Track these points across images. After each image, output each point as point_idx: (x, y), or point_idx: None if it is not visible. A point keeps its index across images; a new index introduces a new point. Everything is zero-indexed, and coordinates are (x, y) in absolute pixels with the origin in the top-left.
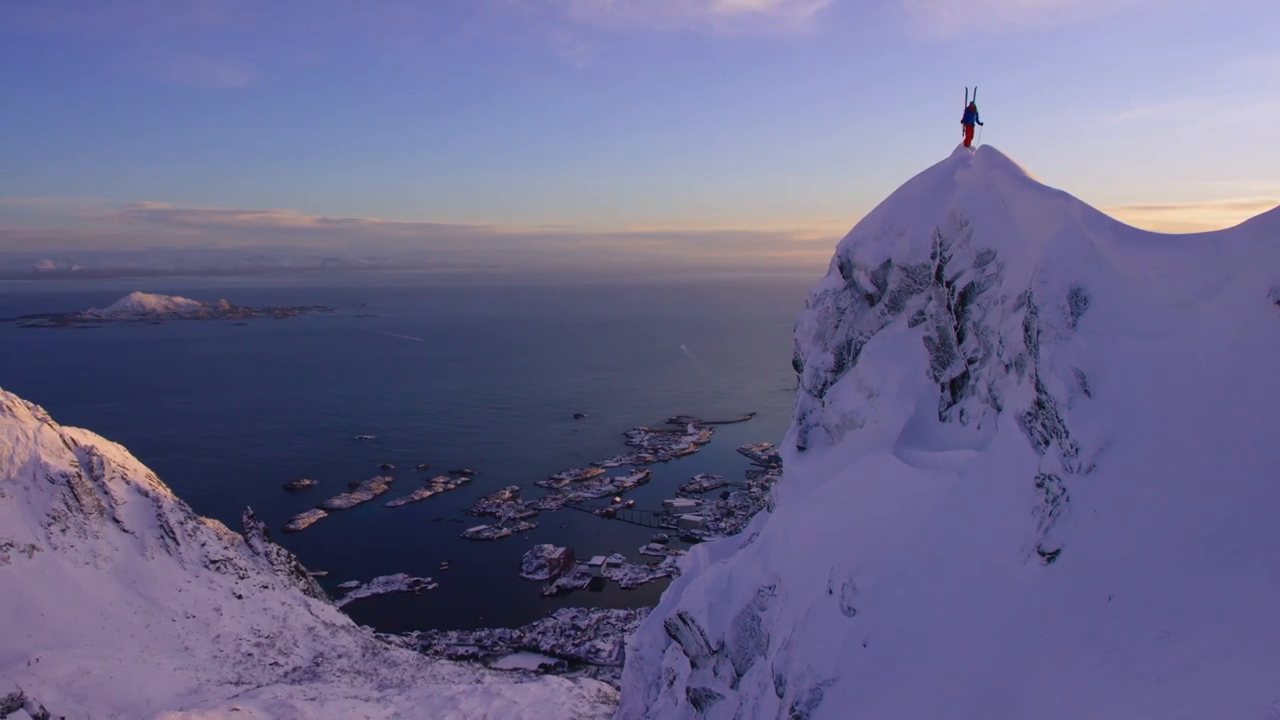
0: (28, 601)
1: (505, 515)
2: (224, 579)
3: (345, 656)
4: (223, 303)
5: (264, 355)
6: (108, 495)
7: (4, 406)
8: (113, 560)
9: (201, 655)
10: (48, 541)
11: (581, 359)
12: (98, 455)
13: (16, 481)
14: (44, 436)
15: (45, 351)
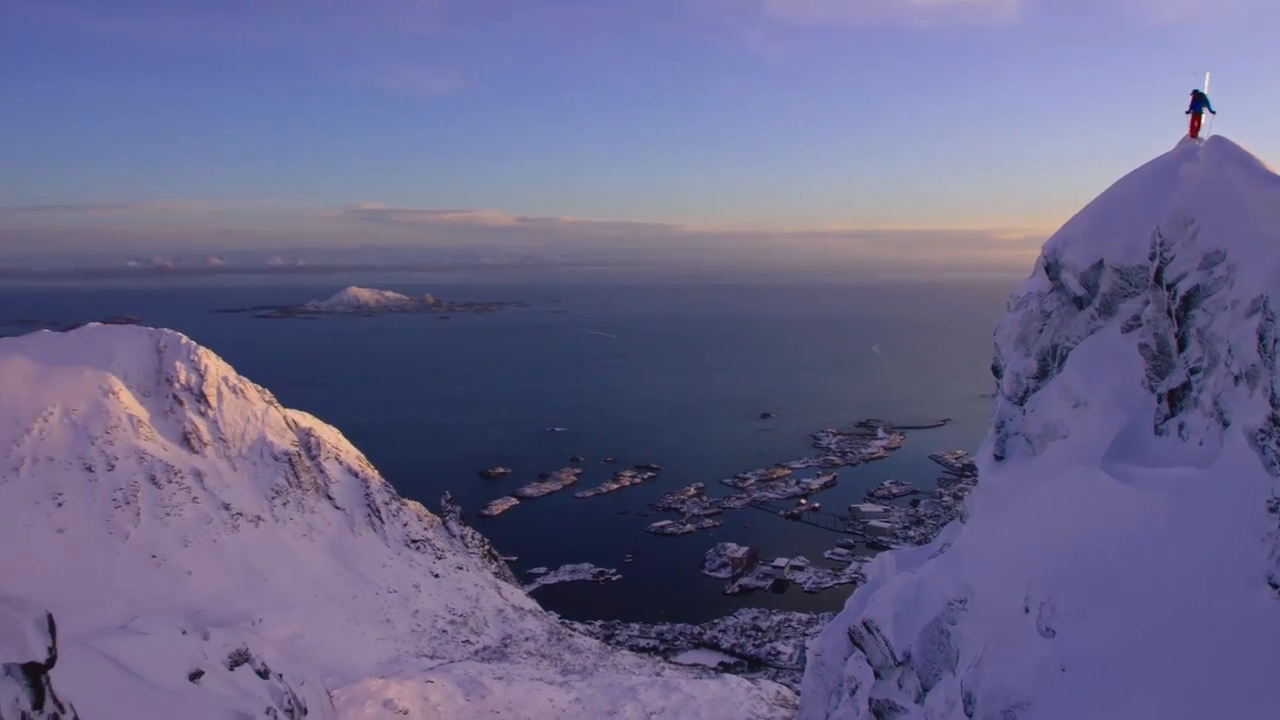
0: (253, 567)
1: (689, 512)
2: (423, 558)
3: (532, 640)
4: (428, 297)
5: (465, 348)
6: (323, 474)
7: (238, 389)
8: (326, 534)
9: (401, 628)
10: (271, 514)
11: (770, 359)
12: (315, 437)
13: (246, 457)
14: (270, 418)
15: (272, 339)
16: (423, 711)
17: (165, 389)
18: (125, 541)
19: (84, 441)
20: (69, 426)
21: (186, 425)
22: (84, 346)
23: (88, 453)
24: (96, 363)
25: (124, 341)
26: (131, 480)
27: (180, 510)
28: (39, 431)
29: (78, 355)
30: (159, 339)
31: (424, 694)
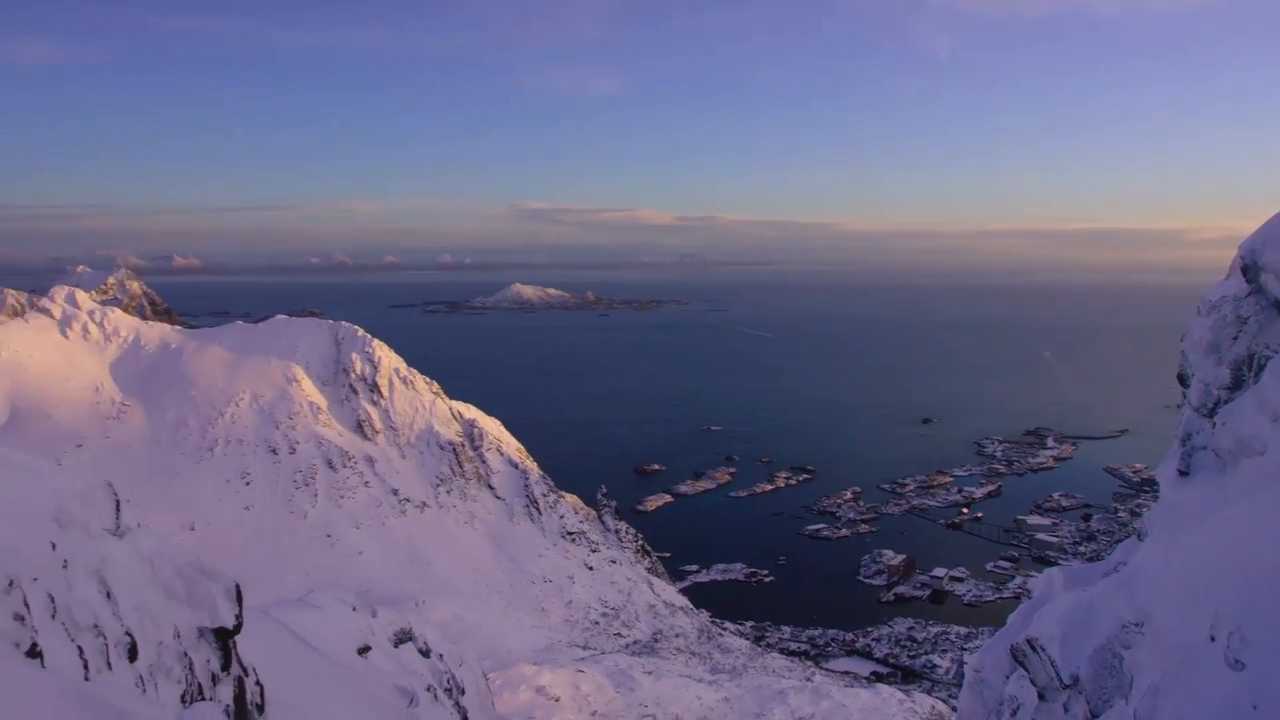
0: (418, 550)
1: (845, 516)
2: (578, 550)
3: (682, 636)
4: (589, 294)
5: (623, 345)
6: (485, 464)
7: (408, 380)
8: (486, 522)
9: (555, 617)
10: (436, 500)
11: (933, 361)
12: (479, 428)
13: (414, 446)
14: (437, 409)
15: (440, 333)
16: (573, 700)
17: (342, 378)
18: (304, 520)
19: (269, 426)
20: (257, 412)
21: (360, 413)
22: (271, 337)
23: (272, 436)
24: (282, 353)
25: (306, 333)
26: (310, 463)
27: (353, 493)
28: (231, 415)
29: (266, 345)
30: (337, 331)
31: (575, 683)
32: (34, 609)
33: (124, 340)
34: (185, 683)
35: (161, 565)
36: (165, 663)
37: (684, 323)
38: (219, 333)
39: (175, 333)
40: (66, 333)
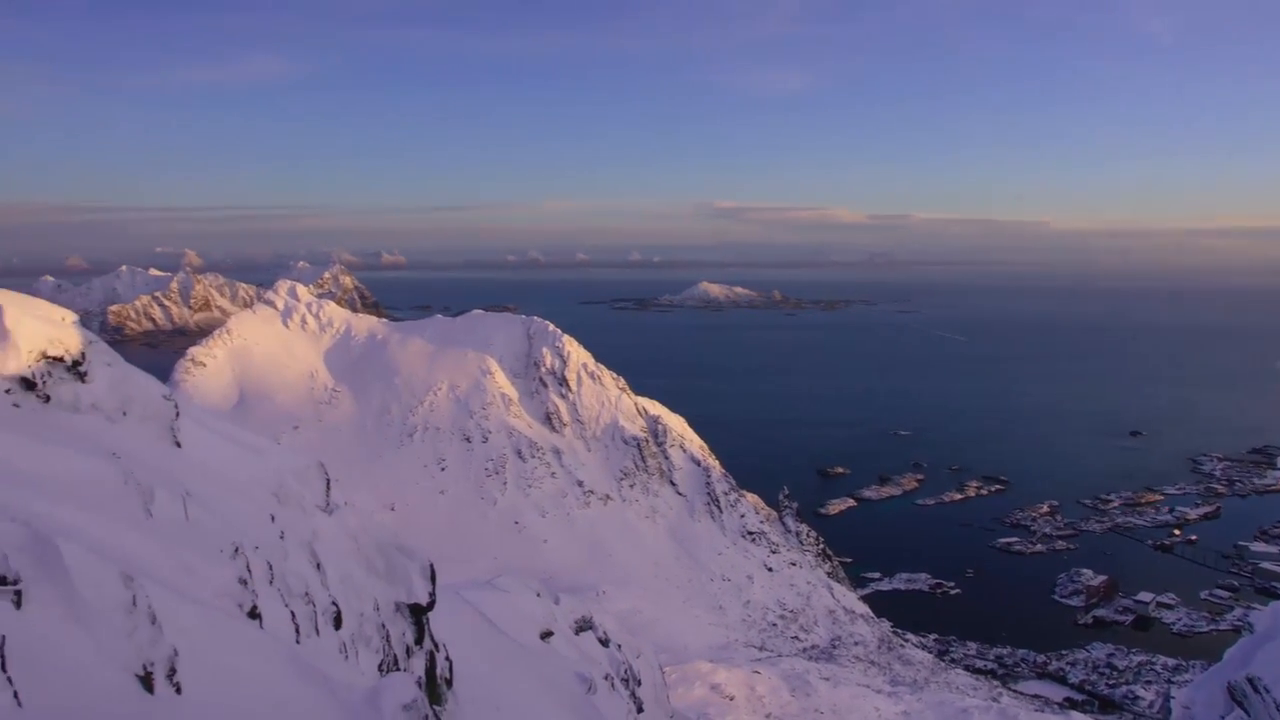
0: (600, 542)
1: (1040, 530)
2: (758, 550)
3: (861, 644)
4: (776, 293)
5: (809, 345)
6: (668, 460)
7: (595, 375)
8: (667, 518)
9: (732, 616)
10: (619, 494)
11: (1144, 370)
12: (662, 424)
13: (600, 439)
14: (623, 404)
15: (628, 330)
16: (748, 700)
17: (533, 372)
18: (493, 507)
19: (464, 415)
20: (453, 401)
21: (549, 406)
22: (468, 331)
23: (467, 425)
24: (478, 346)
25: (501, 328)
26: (501, 453)
27: (540, 483)
28: (429, 404)
29: (463, 338)
30: (530, 326)
31: (750, 683)
32: (255, 574)
33: (337, 331)
34: (383, 653)
35: (365, 542)
36: (365, 632)
37: (872, 323)
38: (421, 325)
39: (381, 325)
40: (287, 323)
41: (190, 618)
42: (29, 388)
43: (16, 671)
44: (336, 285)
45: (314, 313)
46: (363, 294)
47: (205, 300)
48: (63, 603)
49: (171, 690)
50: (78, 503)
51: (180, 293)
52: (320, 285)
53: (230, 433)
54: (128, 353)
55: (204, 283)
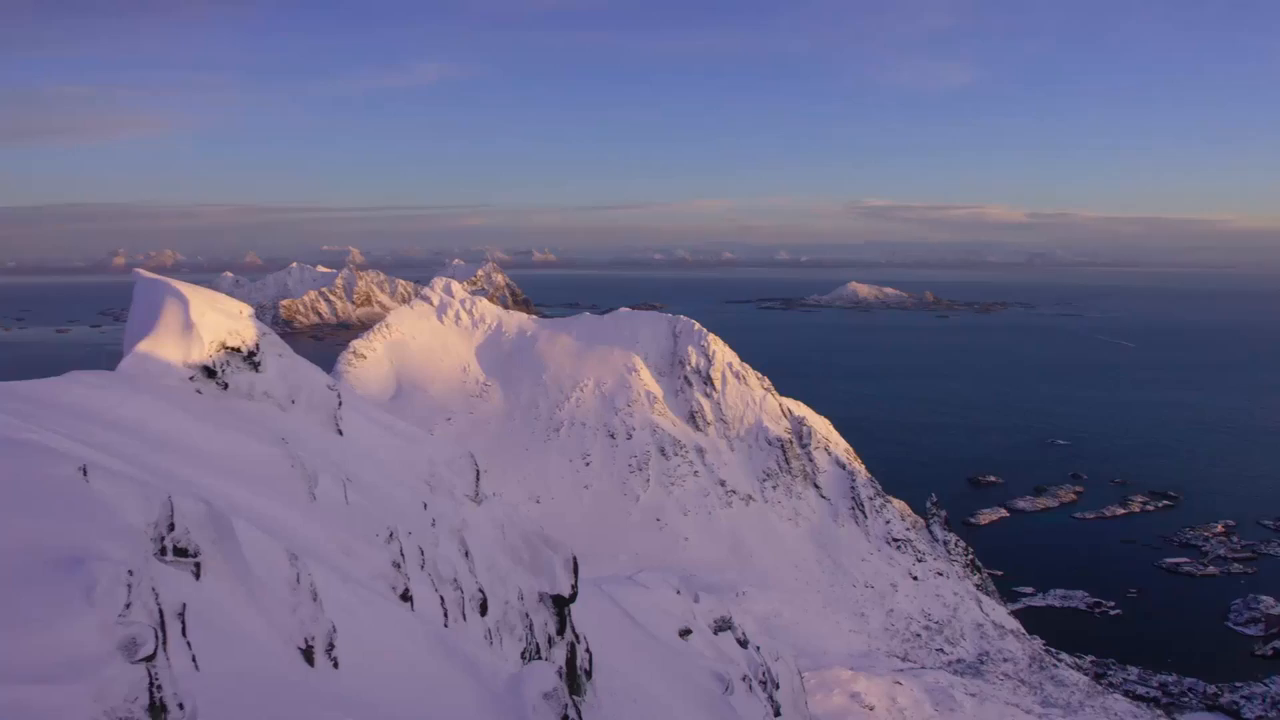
0: (741, 542)
1: (1214, 552)
2: (903, 558)
3: (1010, 661)
4: (927, 294)
5: (961, 348)
6: (812, 462)
7: (740, 375)
8: (810, 521)
9: (874, 624)
10: (761, 495)
11: None
12: (807, 426)
13: (743, 439)
14: (767, 404)
15: (773, 330)
16: (888, 712)
17: (678, 370)
18: (635, 503)
19: (609, 411)
20: (599, 398)
21: (693, 405)
22: (615, 328)
23: (612, 422)
24: (624, 343)
25: (647, 326)
26: (645, 450)
27: (683, 481)
28: (575, 400)
29: (609, 336)
30: (675, 325)
31: (891, 694)
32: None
33: (489, 327)
34: (525, 641)
35: (511, 532)
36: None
37: (1031, 327)
38: (569, 323)
39: (531, 321)
40: (442, 318)
41: (348, 597)
42: (209, 375)
43: (195, 637)
44: (489, 282)
45: (467, 309)
46: (514, 291)
47: (367, 295)
48: (236, 576)
49: (329, 664)
50: (250, 483)
51: (344, 288)
52: (474, 282)
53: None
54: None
55: (366, 279)
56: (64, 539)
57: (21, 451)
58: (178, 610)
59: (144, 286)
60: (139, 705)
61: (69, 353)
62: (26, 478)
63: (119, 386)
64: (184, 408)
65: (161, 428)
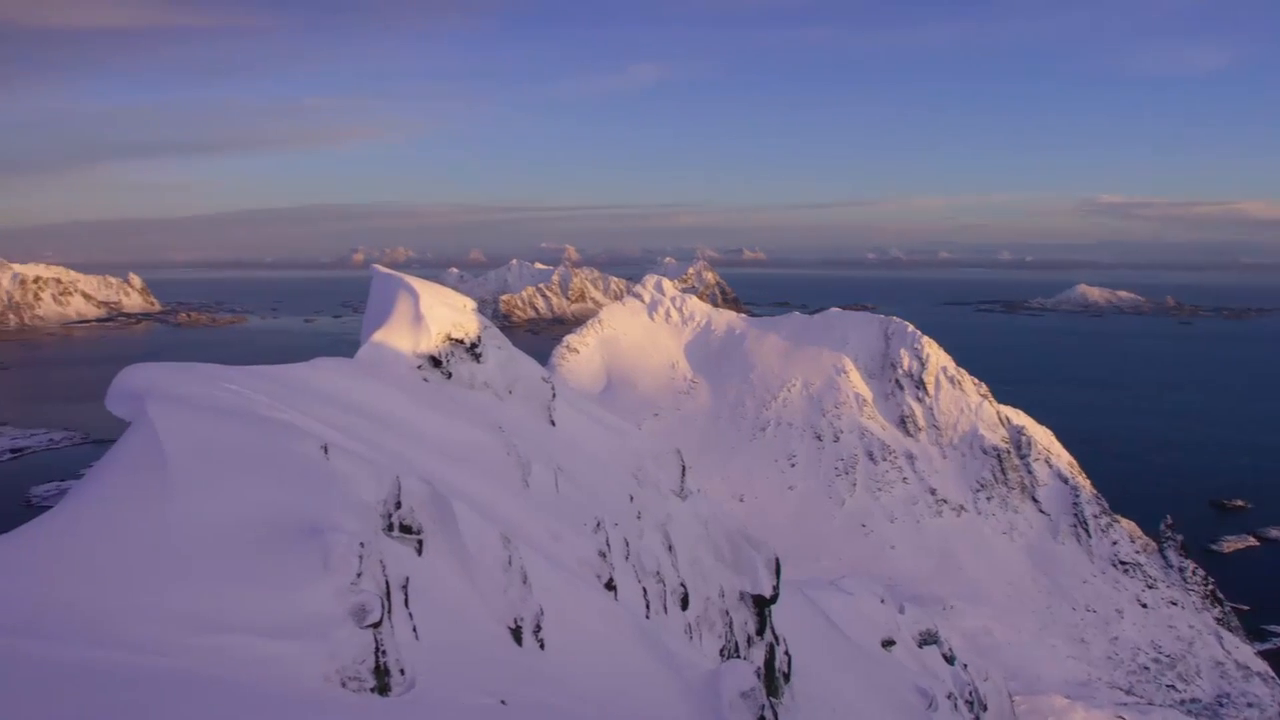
0: (950, 554)
1: None
2: (1131, 583)
3: (1256, 707)
4: (1168, 299)
5: (1207, 358)
6: (1031, 475)
7: (955, 380)
8: (1026, 537)
9: (1096, 652)
10: (974, 506)
11: None
12: (1027, 435)
13: (956, 447)
14: (983, 411)
15: (993, 334)
16: None
17: (889, 373)
18: (841, 507)
19: (816, 413)
20: (806, 399)
21: (904, 409)
22: (825, 329)
23: (819, 423)
24: (833, 344)
25: (857, 327)
26: (852, 453)
27: (891, 488)
28: (782, 400)
29: (819, 336)
30: (887, 326)
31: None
32: (613, 549)
33: (697, 325)
34: (725, 639)
35: (714, 529)
36: (709, 617)
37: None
38: (778, 322)
39: (740, 320)
40: (653, 315)
41: (555, 581)
42: (435, 365)
43: (415, 609)
44: (699, 280)
45: (677, 306)
46: (724, 289)
47: (581, 292)
48: (453, 554)
49: (536, 644)
50: (469, 468)
51: (560, 285)
52: (684, 280)
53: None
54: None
55: (580, 276)
56: (305, 510)
57: (273, 429)
58: (401, 583)
59: (380, 281)
60: (365, 667)
61: (314, 340)
62: (276, 452)
63: (356, 373)
64: (412, 394)
65: (392, 412)
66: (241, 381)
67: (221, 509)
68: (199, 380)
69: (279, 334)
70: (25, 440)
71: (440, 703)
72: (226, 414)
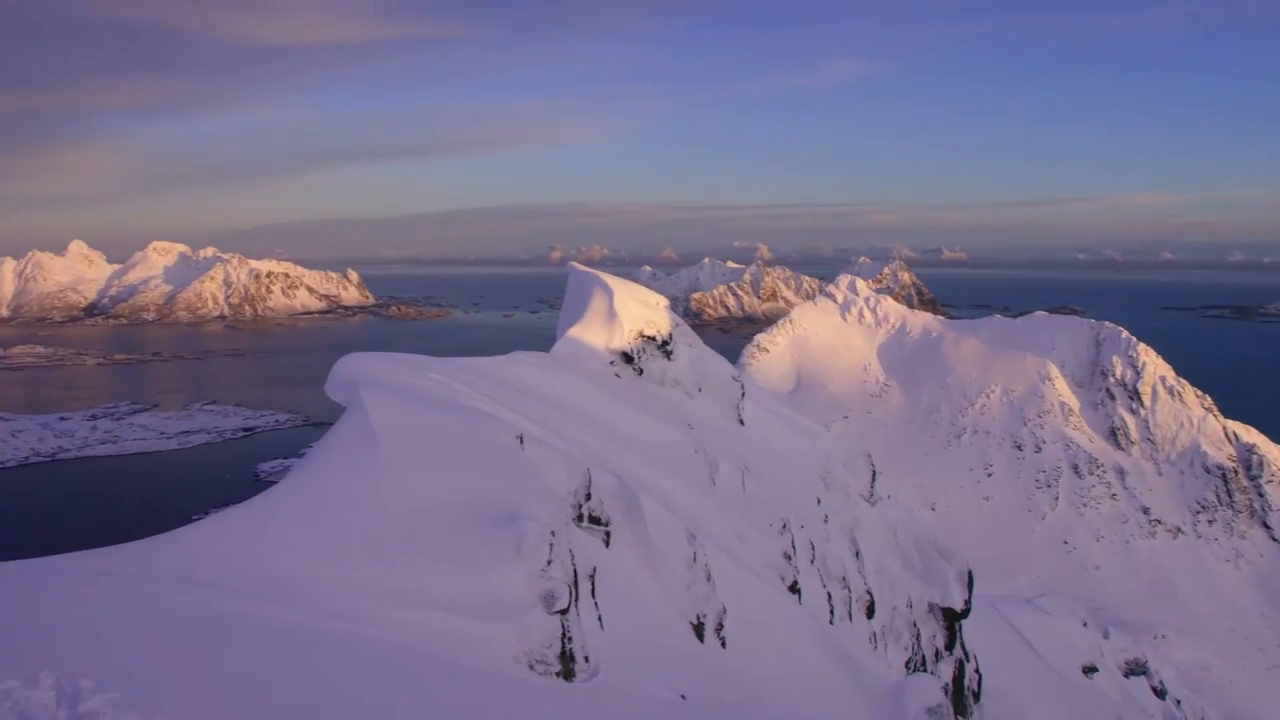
0: (1164, 579)
1: None
2: None
3: None
4: None
5: None
6: (1262, 498)
7: (1175, 391)
8: (1255, 566)
9: None
10: (1193, 528)
11: None
12: (1258, 455)
13: (1174, 464)
14: (1207, 426)
15: (1221, 342)
16: None
17: (1099, 382)
18: (1041, 522)
19: (1017, 421)
20: (1006, 406)
21: (1115, 421)
22: (1028, 333)
23: (1019, 432)
24: (1038, 350)
25: (1065, 332)
26: (1055, 465)
27: (1097, 504)
28: (980, 406)
29: (1022, 341)
30: (1099, 332)
31: None
32: (798, 552)
33: (892, 326)
34: (911, 651)
35: (903, 537)
36: (896, 627)
37: None
38: (977, 325)
39: (937, 322)
40: (845, 316)
41: (739, 581)
42: (627, 361)
43: (601, 599)
44: (895, 281)
45: (871, 307)
46: (920, 290)
47: (772, 291)
48: (640, 548)
49: (718, 642)
50: (657, 464)
51: (751, 284)
52: (879, 280)
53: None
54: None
55: (772, 275)
56: (501, 497)
57: (473, 418)
58: (589, 572)
59: (577, 278)
60: (552, 652)
61: (512, 335)
62: (475, 440)
63: (552, 367)
64: (604, 389)
65: (584, 405)
66: (445, 372)
67: (424, 492)
68: (407, 370)
69: (479, 328)
70: (255, 420)
71: (622, 692)
72: (431, 402)
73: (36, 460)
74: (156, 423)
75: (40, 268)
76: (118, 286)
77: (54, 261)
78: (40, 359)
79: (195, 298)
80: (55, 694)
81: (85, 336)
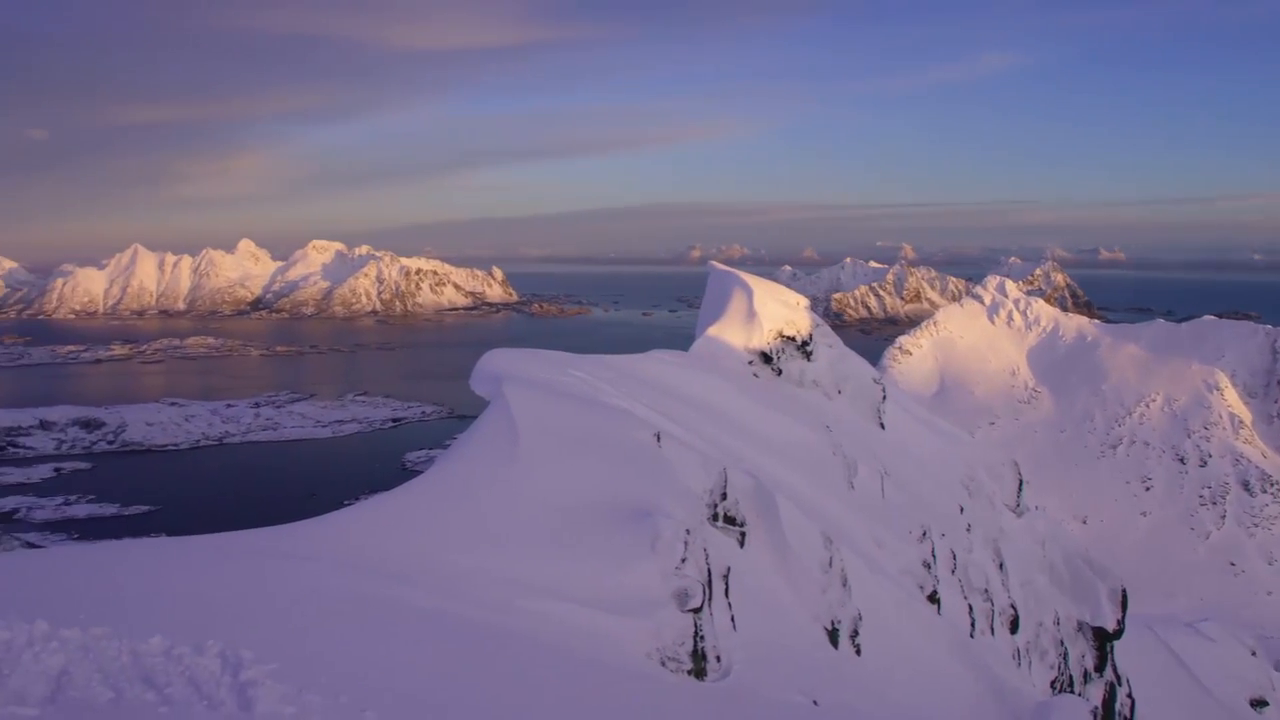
0: None
1: None
2: None
3: None
4: None
5: None
6: None
7: None
8: None
9: None
10: None
11: None
12: None
13: None
14: None
15: None
16: None
17: (1274, 393)
18: (1204, 541)
19: (1180, 433)
20: (1168, 416)
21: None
22: (1194, 339)
23: (1182, 445)
24: (1204, 357)
25: (1236, 338)
26: (1222, 481)
27: (1271, 524)
28: (1139, 416)
29: (1187, 347)
30: (1275, 338)
31: None
32: (938, 560)
33: (1043, 329)
34: (1058, 670)
35: (1052, 550)
36: (1041, 644)
37: None
38: (1137, 330)
39: (1092, 326)
40: (993, 319)
41: (875, 588)
42: (766, 361)
43: (735, 599)
44: (1047, 282)
45: (1021, 310)
46: (1074, 292)
47: (916, 292)
48: (775, 550)
49: (852, 650)
50: (793, 465)
51: (894, 284)
52: (1030, 282)
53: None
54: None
55: (916, 275)
56: (638, 494)
57: (611, 415)
58: (723, 572)
59: (716, 277)
60: (684, 650)
61: (651, 333)
62: (614, 437)
63: (690, 365)
64: (742, 388)
65: (722, 405)
66: (585, 369)
67: (562, 486)
68: (548, 366)
69: (619, 326)
70: (403, 411)
71: (753, 694)
72: (572, 398)
73: (206, 444)
74: (313, 411)
75: (213, 265)
76: (280, 282)
77: (225, 259)
78: (211, 349)
79: (350, 293)
80: (220, 661)
81: (251, 329)
